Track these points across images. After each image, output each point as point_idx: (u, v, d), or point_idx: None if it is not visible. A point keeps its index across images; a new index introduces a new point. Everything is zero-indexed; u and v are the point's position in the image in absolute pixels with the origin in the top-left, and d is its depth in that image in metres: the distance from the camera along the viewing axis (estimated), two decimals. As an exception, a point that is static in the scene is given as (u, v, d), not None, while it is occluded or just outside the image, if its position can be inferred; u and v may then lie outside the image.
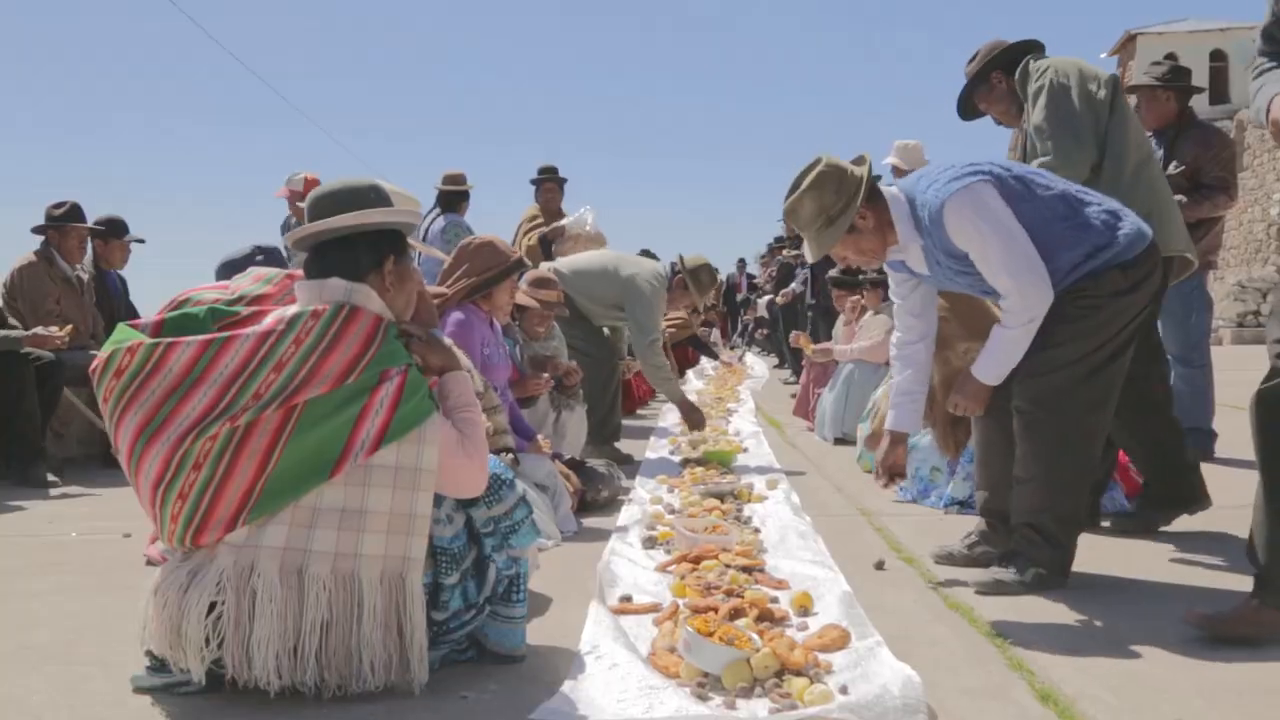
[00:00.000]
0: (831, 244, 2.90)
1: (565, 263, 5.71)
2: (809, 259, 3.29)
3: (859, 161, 2.88)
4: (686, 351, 10.12)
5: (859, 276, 6.29)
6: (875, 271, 5.14)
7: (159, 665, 2.05)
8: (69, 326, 4.91)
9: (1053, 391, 2.75)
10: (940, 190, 2.75)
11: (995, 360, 2.83)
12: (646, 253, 9.24)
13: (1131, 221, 2.82)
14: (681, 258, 5.67)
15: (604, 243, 6.67)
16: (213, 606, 1.96)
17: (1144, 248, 2.78)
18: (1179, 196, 4.02)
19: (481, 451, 2.12)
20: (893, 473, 3.12)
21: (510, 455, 3.38)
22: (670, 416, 7.41)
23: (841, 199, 2.83)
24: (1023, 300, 2.72)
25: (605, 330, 5.79)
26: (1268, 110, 2.28)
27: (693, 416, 5.62)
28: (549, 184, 7.41)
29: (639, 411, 8.20)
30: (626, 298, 5.44)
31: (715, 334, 14.16)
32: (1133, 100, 4.42)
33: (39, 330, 4.77)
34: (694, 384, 10.12)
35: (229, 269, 3.10)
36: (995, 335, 2.83)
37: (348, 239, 2.14)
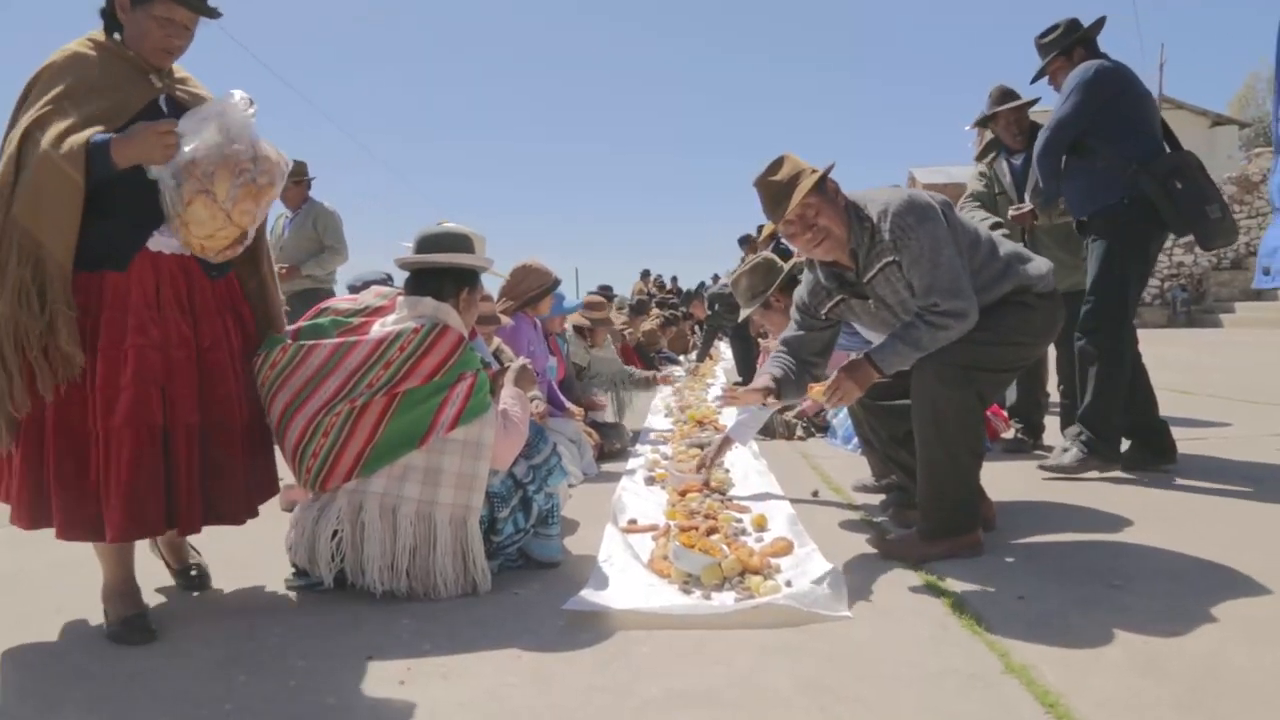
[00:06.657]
0: (750, 311, 3.82)
1: None
2: (739, 319, 4.27)
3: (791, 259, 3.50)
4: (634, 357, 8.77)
5: None
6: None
7: (301, 572, 2.56)
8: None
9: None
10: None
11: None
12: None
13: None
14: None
15: None
16: (334, 533, 2.41)
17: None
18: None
19: (514, 440, 2.50)
20: (701, 465, 3.50)
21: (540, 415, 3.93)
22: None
23: (765, 283, 3.69)
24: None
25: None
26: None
27: None
28: None
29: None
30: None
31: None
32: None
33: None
34: (677, 371, 10.30)
35: (357, 285, 3.92)
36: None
37: (440, 270, 2.56)
